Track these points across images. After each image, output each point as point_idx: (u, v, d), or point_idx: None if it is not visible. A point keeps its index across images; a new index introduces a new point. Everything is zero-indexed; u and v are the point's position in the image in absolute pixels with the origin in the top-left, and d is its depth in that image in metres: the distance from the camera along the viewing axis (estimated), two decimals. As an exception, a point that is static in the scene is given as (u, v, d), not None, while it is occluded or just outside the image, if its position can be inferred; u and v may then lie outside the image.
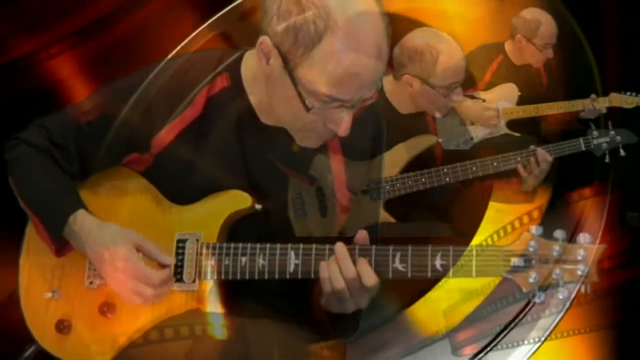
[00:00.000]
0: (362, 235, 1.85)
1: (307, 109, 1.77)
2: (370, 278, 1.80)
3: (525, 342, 2.69)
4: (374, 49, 1.73)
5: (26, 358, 2.09)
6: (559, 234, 1.77)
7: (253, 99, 1.94)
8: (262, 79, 1.88)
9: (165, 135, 1.93)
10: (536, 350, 2.68)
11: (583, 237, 1.76)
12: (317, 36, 1.70)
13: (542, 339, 2.67)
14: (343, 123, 1.80)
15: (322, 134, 1.88)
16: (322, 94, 1.75)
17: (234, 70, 1.96)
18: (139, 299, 1.87)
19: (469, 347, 2.61)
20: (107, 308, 1.93)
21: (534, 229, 1.78)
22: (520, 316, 2.70)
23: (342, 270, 1.81)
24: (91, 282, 1.96)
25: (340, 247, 1.83)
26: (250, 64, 1.95)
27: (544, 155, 3.14)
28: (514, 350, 2.69)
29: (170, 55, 2.14)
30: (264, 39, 1.78)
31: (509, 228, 2.66)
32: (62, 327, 1.94)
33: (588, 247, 1.75)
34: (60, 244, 1.94)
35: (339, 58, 1.71)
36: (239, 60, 1.97)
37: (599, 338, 2.92)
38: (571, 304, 2.63)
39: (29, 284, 1.99)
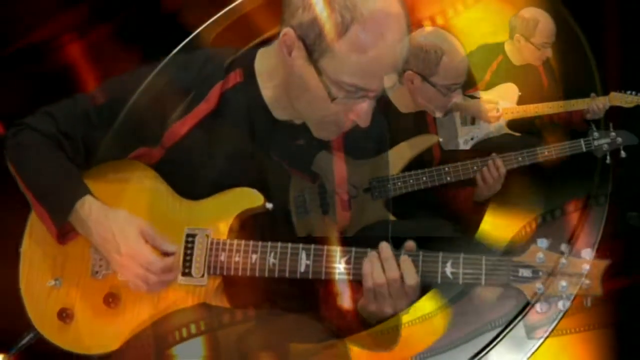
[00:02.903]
0: (410, 246, 1.89)
1: (332, 99, 1.80)
2: (411, 277, 1.83)
3: (527, 340, 2.69)
4: (398, 41, 1.78)
5: (23, 345, 2.07)
6: (564, 247, 1.84)
7: (267, 95, 1.96)
8: (279, 73, 1.90)
9: (179, 127, 1.95)
10: (537, 349, 2.68)
11: (587, 252, 1.84)
12: (344, 27, 1.74)
13: (543, 337, 2.67)
14: (364, 113, 1.83)
15: (341, 126, 1.90)
16: (346, 83, 1.79)
17: (248, 66, 1.97)
18: (144, 285, 1.87)
19: (541, 330, 2.62)
20: (112, 299, 1.93)
21: (541, 242, 1.85)
22: (520, 317, 2.69)
23: (385, 269, 1.83)
24: (96, 272, 1.96)
25: (384, 246, 1.85)
26: (264, 60, 1.97)
27: (498, 165, 3.13)
28: (515, 348, 2.68)
29: (176, 49, 2.14)
30: (287, 31, 1.81)
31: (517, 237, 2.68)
32: (65, 315, 1.94)
33: (592, 261, 1.82)
34: (63, 230, 1.94)
35: (364, 49, 1.75)
36: (252, 56, 1.99)
37: (600, 336, 2.92)
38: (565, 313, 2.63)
39: (30, 271, 1.99)
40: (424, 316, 2.73)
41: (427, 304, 2.69)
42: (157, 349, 1.91)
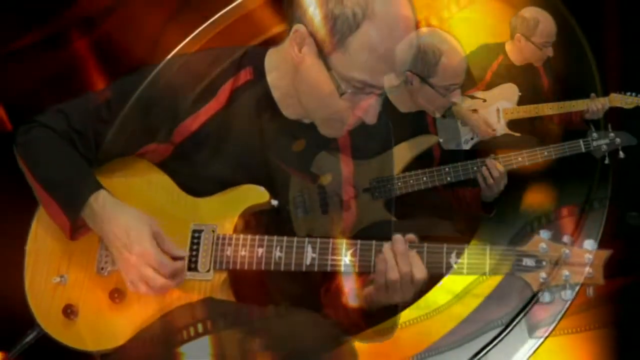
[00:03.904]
0: (410, 238, 1.91)
1: (341, 94, 1.82)
2: (420, 271, 1.86)
3: (527, 340, 2.69)
4: (407, 38, 1.80)
5: (27, 343, 2.07)
6: (567, 238, 1.88)
7: (276, 93, 1.97)
8: (289, 70, 1.91)
9: (190, 124, 1.95)
10: (537, 348, 2.68)
11: (589, 243, 1.87)
12: (355, 24, 1.77)
13: (544, 337, 2.67)
14: (372, 109, 1.85)
15: (348, 123, 1.92)
16: (356, 79, 1.81)
17: (257, 65, 1.99)
18: (145, 287, 1.86)
19: (544, 329, 2.63)
20: (117, 295, 1.93)
21: (544, 233, 1.88)
22: (522, 315, 2.70)
23: (399, 263, 1.86)
24: (102, 269, 1.96)
25: (399, 239, 1.88)
26: (274, 58, 1.98)
27: (495, 165, 3.13)
28: (515, 348, 2.69)
29: (177, 48, 2.15)
30: (298, 27, 1.83)
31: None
32: (69, 312, 1.94)
33: (595, 251, 1.86)
34: (76, 225, 1.94)
35: (375, 46, 1.78)
36: (262, 55, 2.00)
37: (600, 336, 2.92)
38: (571, 303, 2.64)
39: (35, 268, 1.98)
40: (430, 312, 2.74)
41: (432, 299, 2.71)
42: (163, 344, 1.91)
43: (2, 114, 2.71)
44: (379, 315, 2.00)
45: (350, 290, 1.98)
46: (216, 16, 2.64)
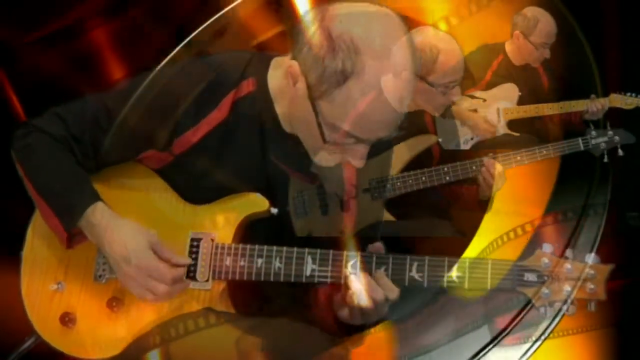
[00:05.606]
0: (377, 247, 1.90)
1: (324, 141, 1.79)
2: (392, 292, 1.86)
3: (526, 341, 2.69)
4: (397, 101, 1.73)
5: (24, 350, 2.07)
6: (569, 252, 1.88)
7: (278, 107, 1.94)
8: (287, 94, 1.87)
9: (191, 136, 1.93)
10: (536, 349, 2.68)
11: (592, 257, 1.87)
12: (343, 77, 1.70)
13: (543, 338, 2.67)
14: (359, 155, 1.82)
15: (335, 161, 1.88)
16: (340, 129, 1.76)
17: (260, 76, 1.95)
18: (151, 295, 1.87)
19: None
20: (115, 303, 1.93)
21: (546, 247, 1.88)
22: (520, 316, 2.70)
23: (372, 296, 1.85)
24: (100, 276, 1.96)
25: (367, 279, 1.87)
26: (277, 74, 1.94)
27: (493, 165, 3.12)
28: (514, 349, 2.69)
29: (172, 53, 2.14)
30: (293, 64, 1.79)
31: (519, 231, 2.67)
32: (67, 319, 1.94)
33: (597, 266, 1.85)
34: (72, 235, 1.93)
35: (360, 104, 1.71)
36: (266, 66, 1.96)
37: (600, 337, 2.92)
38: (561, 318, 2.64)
39: (32, 275, 1.99)
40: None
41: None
42: (160, 353, 1.91)
43: (17, 104, 2.71)
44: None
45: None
46: (215, 17, 2.63)
